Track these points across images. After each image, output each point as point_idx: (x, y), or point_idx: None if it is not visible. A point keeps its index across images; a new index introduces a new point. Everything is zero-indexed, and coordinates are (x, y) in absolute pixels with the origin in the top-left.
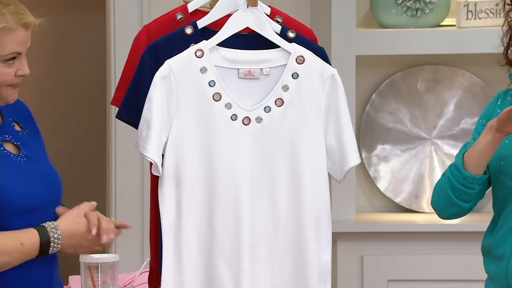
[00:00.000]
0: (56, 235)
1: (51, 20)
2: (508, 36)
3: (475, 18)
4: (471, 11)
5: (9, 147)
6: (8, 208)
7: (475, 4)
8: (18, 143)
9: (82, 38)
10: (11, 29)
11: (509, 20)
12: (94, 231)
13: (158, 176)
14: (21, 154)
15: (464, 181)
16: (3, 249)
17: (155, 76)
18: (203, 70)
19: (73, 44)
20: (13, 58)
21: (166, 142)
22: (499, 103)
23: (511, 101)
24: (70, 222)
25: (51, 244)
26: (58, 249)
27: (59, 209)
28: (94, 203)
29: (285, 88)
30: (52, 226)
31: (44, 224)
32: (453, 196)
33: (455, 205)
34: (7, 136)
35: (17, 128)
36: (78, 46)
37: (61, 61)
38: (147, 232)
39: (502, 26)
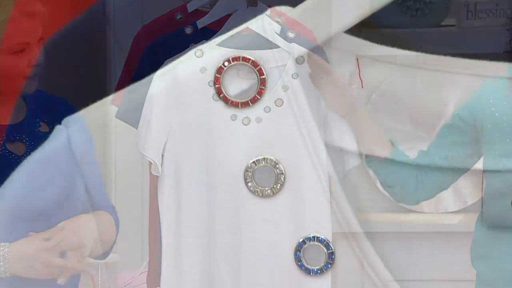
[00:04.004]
0: (1, 253)
1: None
2: None
3: (475, 18)
4: (471, 11)
5: (14, 147)
6: (9, 212)
7: (475, 4)
8: (31, 143)
9: (82, 38)
10: (14, 20)
11: None
12: (52, 244)
13: (158, 176)
14: (24, 155)
15: None
16: None
17: (155, 76)
18: (203, 70)
19: (73, 44)
20: (23, 49)
21: (165, 142)
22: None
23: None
24: (22, 244)
25: None
26: (7, 272)
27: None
28: (60, 226)
29: (285, 88)
30: (1, 244)
31: None
32: None
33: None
34: (18, 135)
35: (43, 128)
36: (78, 46)
37: (61, 61)
38: (147, 232)
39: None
